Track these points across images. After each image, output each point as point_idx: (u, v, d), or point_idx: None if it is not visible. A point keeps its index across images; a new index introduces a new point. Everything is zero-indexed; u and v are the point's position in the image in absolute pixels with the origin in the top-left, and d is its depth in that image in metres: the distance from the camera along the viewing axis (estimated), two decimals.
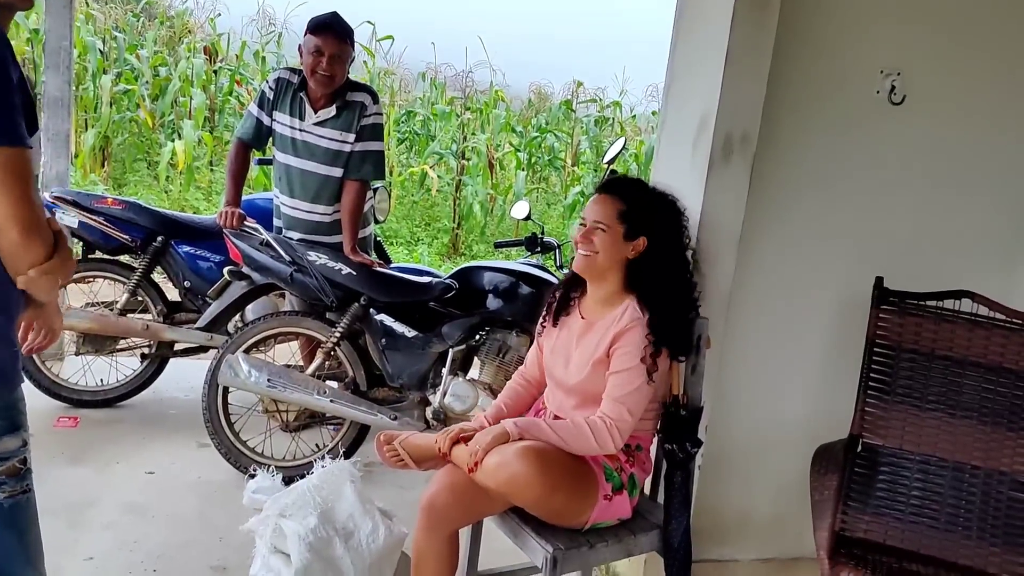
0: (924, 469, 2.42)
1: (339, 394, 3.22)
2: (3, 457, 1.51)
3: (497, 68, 10.22)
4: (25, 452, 1.56)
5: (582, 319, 2.23)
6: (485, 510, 2.15)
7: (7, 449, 1.52)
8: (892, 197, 2.71)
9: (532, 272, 3.35)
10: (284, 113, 3.39)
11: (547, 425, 2.08)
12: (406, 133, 10.01)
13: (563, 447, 2.05)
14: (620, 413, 2.05)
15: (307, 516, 2.33)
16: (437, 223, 9.42)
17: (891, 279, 2.53)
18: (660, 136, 2.75)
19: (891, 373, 2.48)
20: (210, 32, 10.17)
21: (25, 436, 1.56)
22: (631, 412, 2.06)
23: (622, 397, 2.06)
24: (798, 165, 2.62)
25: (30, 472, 1.58)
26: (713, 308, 2.39)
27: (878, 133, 2.64)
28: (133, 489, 3.11)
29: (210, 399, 3.23)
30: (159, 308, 3.80)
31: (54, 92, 4.21)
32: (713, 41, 2.40)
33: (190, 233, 3.85)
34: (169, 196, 8.45)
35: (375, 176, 3.46)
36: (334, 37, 3.25)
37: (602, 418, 2.06)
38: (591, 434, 2.05)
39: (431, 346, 3.28)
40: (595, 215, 2.15)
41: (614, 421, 2.05)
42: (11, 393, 1.54)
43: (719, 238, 2.45)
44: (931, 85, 2.64)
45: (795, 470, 2.63)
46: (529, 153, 10.15)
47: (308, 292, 3.27)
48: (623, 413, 2.05)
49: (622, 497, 2.12)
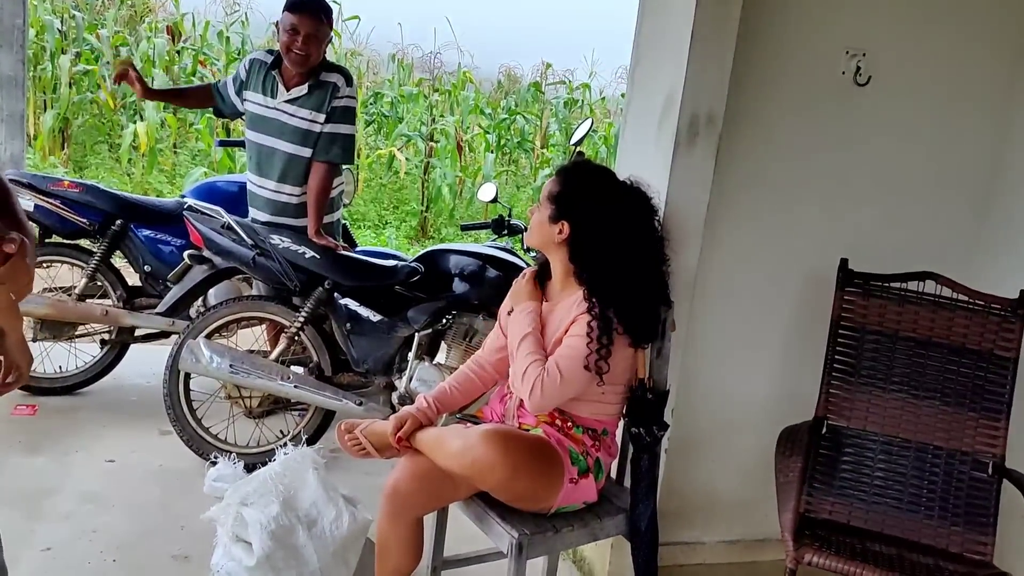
0: (887, 450, 2.44)
1: (303, 379, 3.18)
2: None
3: (465, 50, 10.16)
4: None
5: (546, 302, 2.21)
6: (450, 496, 2.13)
7: None
8: (858, 179, 2.71)
9: (499, 255, 3.32)
10: (256, 92, 3.35)
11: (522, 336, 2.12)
12: (374, 115, 9.91)
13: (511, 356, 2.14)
14: (553, 372, 2.03)
15: (269, 504, 2.30)
16: (405, 206, 9.35)
17: (856, 261, 2.54)
18: (626, 117, 2.73)
19: (855, 355, 2.49)
20: (172, 12, 9.97)
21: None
22: (564, 376, 2.02)
23: (561, 358, 2.05)
24: (764, 146, 2.61)
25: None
26: (679, 291, 2.38)
27: (844, 114, 2.64)
28: (92, 478, 3.05)
29: (171, 386, 3.18)
30: (119, 293, 3.72)
31: (7, 71, 4.11)
32: (678, 20, 2.37)
33: (150, 216, 3.77)
34: (131, 179, 8.29)
35: (344, 160, 3.41)
36: (310, 16, 3.19)
37: (542, 370, 2.04)
38: (523, 372, 2.06)
39: (397, 330, 3.24)
40: (541, 192, 2.18)
41: (544, 376, 2.03)
42: None
43: (685, 220, 2.44)
44: (897, 66, 2.64)
45: (761, 452, 2.64)
46: (498, 135, 10.10)
47: (271, 276, 3.21)
48: (555, 373, 2.03)
49: (588, 481, 2.11)
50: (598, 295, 2.06)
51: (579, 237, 2.09)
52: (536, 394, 2.03)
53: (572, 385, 2.05)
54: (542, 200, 2.16)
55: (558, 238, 2.11)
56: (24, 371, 1.61)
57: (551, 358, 2.06)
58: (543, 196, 2.16)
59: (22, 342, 1.59)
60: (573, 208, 2.10)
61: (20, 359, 1.59)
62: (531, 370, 2.05)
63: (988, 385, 2.40)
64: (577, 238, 2.09)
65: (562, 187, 2.13)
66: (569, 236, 2.10)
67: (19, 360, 1.59)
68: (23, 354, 1.60)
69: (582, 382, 2.05)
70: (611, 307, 2.05)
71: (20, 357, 1.59)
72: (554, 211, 2.11)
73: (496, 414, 2.27)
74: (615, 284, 2.06)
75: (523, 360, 2.09)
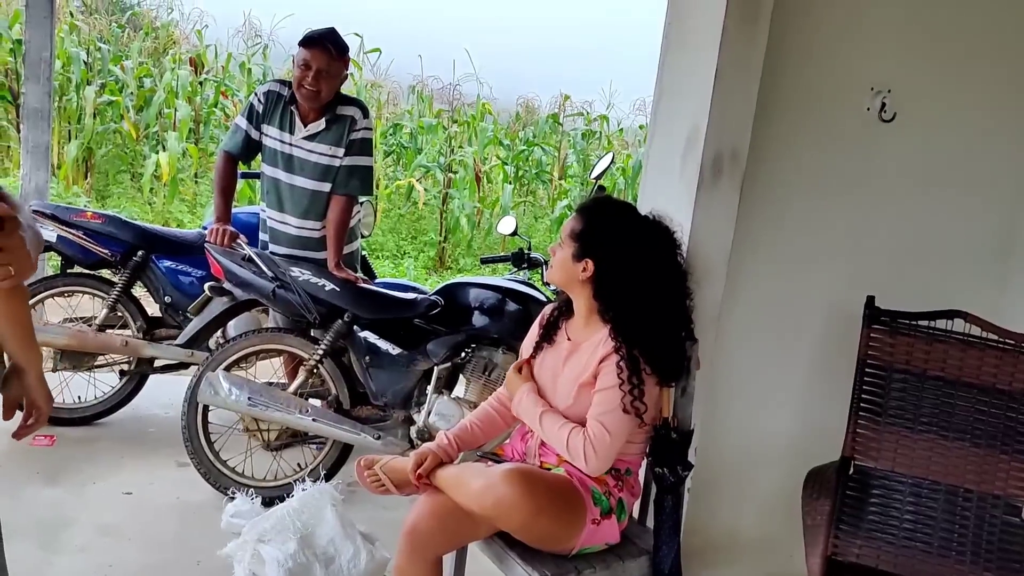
0: (917, 492, 2.39)
1: (322, 413, 3.16)
2: None
3: (484, 81, 10.22)
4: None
5: (569, 340, 2.19)
6: (470, 535, 2.10)
7: None
8: (883, 215, 2.69)
9: (519, 288, 3.30)
10: (273, 126, 3.33)
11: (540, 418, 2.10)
12: (393, 146, 9.97)
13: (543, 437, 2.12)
14: (598, 431, 2.01)
15: (286, 541, 2.28)
16: (424, 236, 9.37)
17: (882, 297, 2.50)
18: (648, 154, 2.72)
19: (883, 394, 2.45)
20: (196, 43, 10.11)
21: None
22: (610, 432, 2.01)
23: (602, 416, 2.02)
24: (788, 182, 2.59)
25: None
26: (702, 327, 2.35)
27: (869, 150, 2.62)
28: (109, 510, 3.03)
29: (189, 418, 3.16)
30: (139, 324, 3.73)
31: (34, 104, 4.16)
32: (702, 57, 2.37)
33: (171, 247, 3.79)
34: (153, 208, 8.37)
35: (362, 191, 3.41)
36: (323, 52, 3.19)
37: (584, 433, 2.02)
38: (566, 444, 2.03)
39: (416, 364, 3.23)
40: (562, 230, 2.16)
41: (591, 439, 2.01)
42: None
43: (708, 257, 2.42)
44: (922, 102, 2.63)
45: (785, 490, 2.59)
46: (516, 166, 10.14)
47: (291, 308, 3.21)
48: (602, 432, 2.01)
49: (610, 521, 2.07)
50: (623, 333, 2.04)
51: (603, 275, 2.07)
52: (591, 457, 2.00)
53: (620, 436, 2.03)
54: (564, 238, 2.14)
55: (582, 276, 2.09)
56: (44, 412, 1.61)
57: (591, 418, 2.03)
58: (565, 234, 2.15)
59: (41, 379, 1.59)
60: (597, 245, 2.08)
61: (40, 399, 1.59)
62: (573, 438, 2.03)
63: (1020, 427, 2.35)
64: (601, 276, 2.07)
65: (585, 225, 2.12)
66: (593, 274, 2.08)
67: (39, 400, 1.59)
68: (44, 394, 1.60)
69: (627, 428, 2.03)
70: (637, 346, 2.02)
71: (40, 396, 1.59)
72: (577, 249, 2.10)
73: (518, 452, 2.24)
74: (641, 321, 2.04)
75: (558, 434, 2.06)
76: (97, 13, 10.30)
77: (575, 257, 2.10)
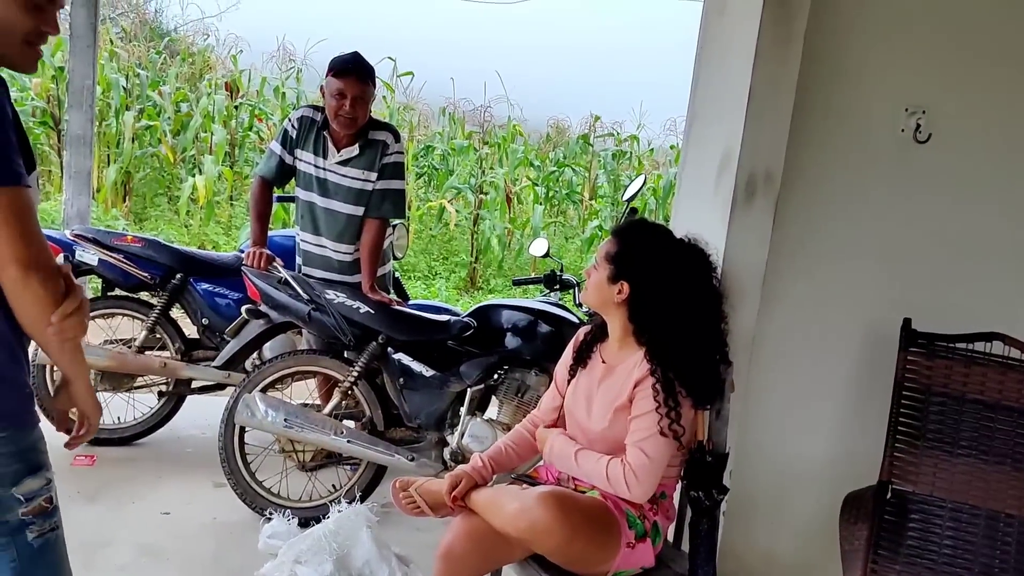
0: (956, 517, 2.35)
1: (356, 434, 3.19)
2: (28, 497, 1.51)
3: (515, 103, 10.27)
4: (50, 491, 1.56)
5: (603, 363, 2.19)
6: (504, 558, 2.11)
7: (31, 489, 1.51)
8: (918, 236, 2.66)
9: (551, 310, 3.31)
10: (308, 151, 3.38)
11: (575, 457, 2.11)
12: (424, 168, 10.06)
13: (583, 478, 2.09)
14: (638, 457, 2.01)
15: (323, 563, 2.30)
16: (455, 257, 9.42)
17: (919, 320, 2.48)
18: (681, 175, 2.73)
19: (921, 417, 2.42)
20: (231, 68, 10.29)
21: (49, 475, 1.56)
22: (650, 456, 2.01)
23: (640, 442, 2.02)
24: (822, 204, 2.58)
25: (58, 510, 1.58)
26: (737, 350, 2.34)
27: (903, 171, 2.60)
28: (148, 530, 3.07)
29: (227, 439, 3.20)
30: (177, 345, 3.79)
31: (77, 130, 4.26)
32: (736, 78, 2.38)
33: (208, 270, 3.85)
34: (189, 231, 8.50)
35: (395, 214, 3.45)
36: (356, 79, 3.24)
37: (622, 461, 2.02)
38: (606, 476, 2.03)
39: (449, 385, 3.24)
40: (597, 253, 2.17)
41: (632, 467, 2.01)
42: (28, 436, 1.52)
43: (742, 278, 2.41)
44: (957, 123, 2.60)
45: (821, 514, 2.57)
46: (547, 187, 10.17)
47: (326, 331, 3.24)
48: (641, 458, 2.01)
49: (645, 545, 2.07)
50: (659, 356, 2.04)
51: (639, 297, 2.08)
52: (633, 484, 2.01)
53: (660, 460, 2.03)
54: (599, 260, 2.15)
55: (617, 298, 2.10)
56: (94, 423, 1.66)
57: (630, 444, 2.04)
58: (600, 256, 2.15)
59: (90, 390, 1.64)
60: (632, 268, 2.09)
61: (90, 410, 1.65)
62: (612, 468, 2.03)
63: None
64: (637, 298, 2.08)
65: (620, 247, 2.12)
66: (628, 296, 2.09)
67: (89, 411, 1.65)
68: (92, 404, 1.65)
69: (667, 452, 2.04)
70: (672, 368, 2.02)
71: (89, 407, 1.64)
72: (612, 271, 2.10)
73: (552, 475, 2.24)
74: (676, 344, 2.04)
75: (597, 467, 2.06)
76: (136, 40, 10.52)
77: (610, 279, 2.11)
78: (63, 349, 1.51)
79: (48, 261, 1.42)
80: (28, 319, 1.44)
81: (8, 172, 1.37)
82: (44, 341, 1.49)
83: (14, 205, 1.37)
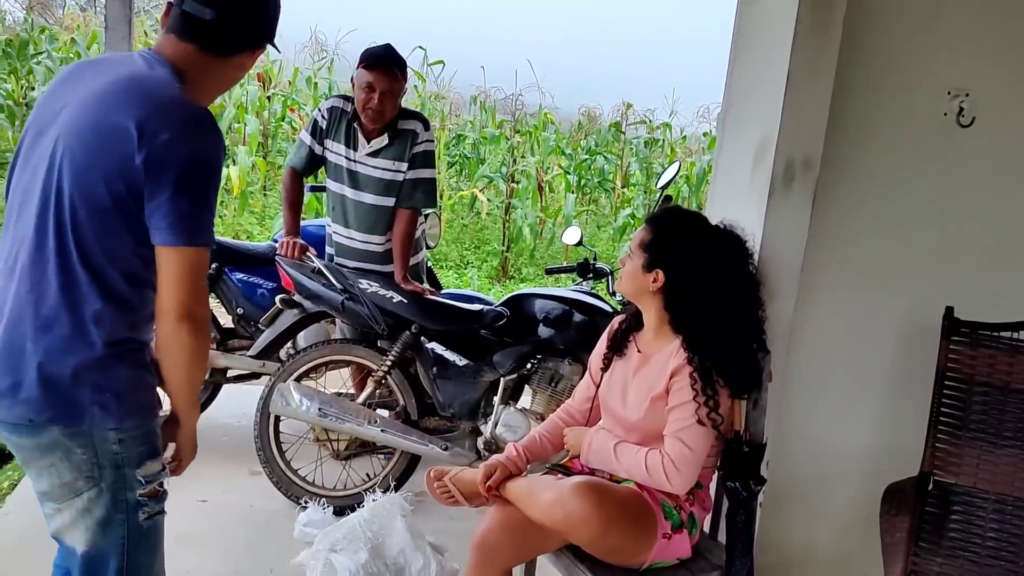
0: (1000, 509, 2.31)
1: (390, 423, 3.19)
2: (148, 480, 1.61)
3: (546, 91, 10.23)
4: (164, 476, 1.66)
5: (639, 352, 2.17)
6: (539, 547, 2.10)
7: (150, 472, 1.62)
8: (961, 222, 2.60)
9: (584, 299, 3.29)
10: (338, 142, 3.38)
11: (615, 451, 2.09)
12: (456, 157, 10.05)
13: (623, 473, 2.06)
14: (677, 448, 1.99)
15: (358, 551, 2.31)
16: (487, 246, 9.42)
17: (961, 308, 2.43)
18: (717, 163, 2.69)
19: (963, 408, 2.38)
20: (263, 59, 10.34)
21: (163, 461, 1.66)
22: (690, 447, 1.99)
23: (679, 432, 2.00)
24: (861, 190, 2.53)
25: (166, 495, 1.68)
26: (774, 339, 2.31)
27: (946, 156, 2.54)
28: (185, 518, 3.10)
29: (262, 428, 3.23)
30: (212, 335, 3.82)
31: None
32: (773, 64, 2.33)
33: (243, 260, 3.87)
34: (223, 221, 8.57)
35: (426, 204, 3.44)
36: (385, 72, 3.22)
37: (661, 452, 2.00)
38: (645, 468, 2.01)
39: (482, 375, 3.24)
40: (631, 241, 2.16)
41: (671, 458, 1.99)
42: (153, 420, 1.63)
43: (780, 266, 2.37)
44: (1001, 106, 2.54)
45: (861, 506, 2.53)
46: (578, 175, 10.11)
47: (359, 320, 3.25)
48: (680, 448, 1.99)
49: (682, 536, 2.05)
50: (695, 345, 2.01)
51: (675, 285, 2.05)
52: (674, 475, 1.99)
53: (700, 450, 2.01)
54: (633, 248, 2.13)
55: (653, 287, 2.08)
56: (185, 465, 1.78)
57: (668, 435, 2.02)
58: (634, 245, 2.13)
59: (192, 437, 1.74)
60: (667, 256, 2.06)
61: (187, 453, 1.76)
62: (651, 460, 2.02)
63: None
64: (672, 286, 2.06)
65: (655, 235, 2.10)
66: (664, 284, 2.06)
67: (186, 455, 1.76)
68: (192, 448, 1.76)
69: (706, 441, 2.02)
70: (710, 357, 2.00)
71: (188, 451, 1.76)
72: (647, 259, 2.08)
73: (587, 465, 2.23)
74: (713, 332, 2.02)
75: (635, 459, 2.05)
76: None
77: (645, 268, 2.08)
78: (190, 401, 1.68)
79: (205, 314, 1.56)
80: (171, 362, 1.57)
81: (208, 234, 1.51)
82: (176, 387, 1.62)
83: (197, 265, 1.51)
